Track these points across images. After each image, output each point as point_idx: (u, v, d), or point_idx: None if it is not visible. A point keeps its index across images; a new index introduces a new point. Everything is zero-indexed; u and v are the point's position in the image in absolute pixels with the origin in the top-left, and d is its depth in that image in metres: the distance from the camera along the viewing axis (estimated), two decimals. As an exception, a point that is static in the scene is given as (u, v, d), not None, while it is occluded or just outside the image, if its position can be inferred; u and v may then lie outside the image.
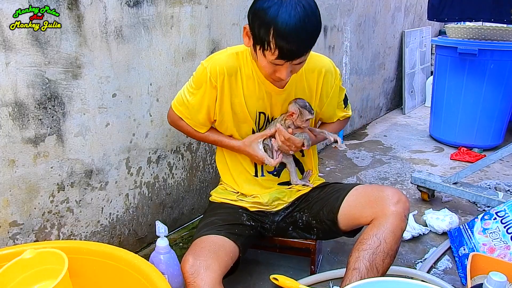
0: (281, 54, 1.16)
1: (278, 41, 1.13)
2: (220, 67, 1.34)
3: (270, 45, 1.15)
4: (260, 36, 1.16)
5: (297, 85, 1.41)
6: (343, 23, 3.04)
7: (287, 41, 1.13)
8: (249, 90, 1.39)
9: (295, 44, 1.15)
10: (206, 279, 1.17)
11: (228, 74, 1.35)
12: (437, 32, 4.91)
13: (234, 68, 1.36)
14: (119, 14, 1.49)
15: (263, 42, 1.17)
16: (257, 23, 1.16)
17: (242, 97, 1.39)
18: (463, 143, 3.18)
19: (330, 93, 1.47)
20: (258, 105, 1.42)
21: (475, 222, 1.80)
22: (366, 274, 1.24)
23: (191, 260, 1.21)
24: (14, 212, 1.33)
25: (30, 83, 1.29)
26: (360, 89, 3.57)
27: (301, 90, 1.43)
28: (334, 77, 1.46)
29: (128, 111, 1.61)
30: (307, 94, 1.44)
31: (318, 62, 1.43)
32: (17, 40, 1.23)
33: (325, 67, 1.43)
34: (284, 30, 1.12)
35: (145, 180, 1.75)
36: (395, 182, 2.60)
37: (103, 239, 1.63)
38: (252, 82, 1.38)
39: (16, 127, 1.29)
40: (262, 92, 1.39)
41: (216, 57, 1.37)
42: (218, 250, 1.27)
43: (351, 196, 1.43)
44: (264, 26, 1.14)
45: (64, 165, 1.43)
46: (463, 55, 2.94)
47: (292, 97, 1.42)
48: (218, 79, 1.35)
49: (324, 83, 1.44)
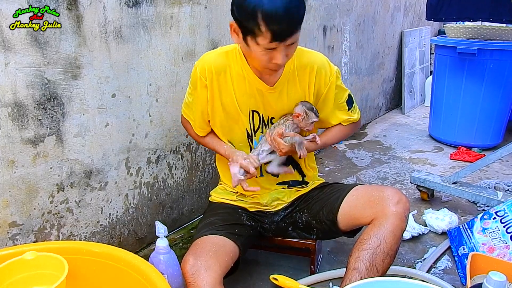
0: (274, 36, 1.17)
1: (268, 23, 1.14)
2: (209, 65, 1.36)
3: (261, 30, 1.16)
4: (250, 25, 1.17)
5: (289, 83, 1.40)
6: (342, 23, 3.04)
7: (276, 21, 1.14)
8: (239, 88, 1.39)
9: (285, 23, 1.16)
10: (207, 279, 1.17)
11: (216, 73, 1.37)
12: (437, 32, 4.91)
13: (222, 67, 1.37)
14: (119, 15, 1.49)
15: (253, 30, 1.17)
16: (243, 15, 1.17)
17: (233, 96, 1.39)
18: (463, 142, 3.18)
19: (324, 91, 1.44)
20: (250, 103, 1.41)
21: (474, 221, 1.80)
22: (366, 274, 1.24)
23: (191, 260, 1.21)
24: (14, 213, 1.33)
25: (29, 84, 1.29)
26: (360, 89, 3.57)
27: (293, 87, 1.41)
28: (329, 75, 1.42)
29: (128, 111, 1.61)
30: (299, 92, 1.42)
31: (309, 58, 1.41)
32: (16, 40, 1.23)
33: (317, 63, 1.41)
34: (271, 11, 1.13)
35: (144, 180, 1.75)
36: (394, 182, 2.60)
37: (103, 239, 1.63)
38: (243, 80, 1.38)
39: (16, 127, 1.28)
40: (253, 89, 1.39)
41: (206, 57, 1.40)
42: (219, 250, 1.27)
43: (351, 196, 1.43)
44: (251, 14, 1.15)
45: (64, 166, 1.43)
46: (462, 55, 2.94)
47: (285, 95, 1.41)
48: (207, 78, 1.37)
49: (317, 80, 1.42)
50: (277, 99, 1.42)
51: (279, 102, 1.42)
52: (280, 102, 1.42)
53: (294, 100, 1.43)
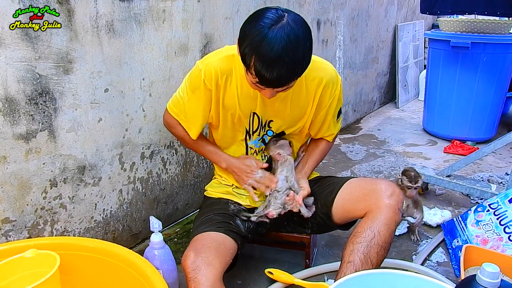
0: (261, 82, 1.15)
1: (258, 69, 1.11)
2: (215, 69, 1.33)
3: (251, 71, 1.14)
4: (244, 58, 1.15)
5: (294, 90, 1.36)
6: (336, 17, 3.03)
7: (267, 72, 1.11)
8: (243, 91, 1.36)
9: (274, 76, 1.12)
10: (208, 274, 1.16)
11: (222, 77, 1.34)
12: (430, 26, 4.92)
13: (228, 71, 1.34)
14: (110, 8, 1.47)
15: (246, 65, 1.15)
16: (243, 45, 1.14)
17: (235, 98, 1.37)
18: (456, 136, 3.19)
19: (328, 103, 1.43)
20: (252, 106, 1.40)
21: (468, 214, 1.81)
22: (360, 266, 1.24)
23: (192, 256, 1.20)
24: (6, 209, 1.32)
25: (20, 78, 1.27)
26: (354, 83, 3.57)
27: (299, 96, 1.39)
28: (335, 88, 1.41)
29: (121, 106, 1.60)
30: (303, 101, 1.41)
31: (320, 71, 1.37)
32: (6, 35, 1.22)
33: (326, 77, 1.38)
34: (265, 61, 1.09)
35: (138, 175, 1.75)
36: (389, 175, 2.61)
37: (97, 235, 1.62)
38: (246, 83, 1.36)
39: (7, 123, 1.27)
40: (256, 92, 1.36)
41: (211, 60, 1.35)
42: (219, 247, 1.27)
43: (345, 189, 1.43)
44: (248, 50, 1.12)
45: (57, 161, 1.42)
46: (456, 48, 2.95)
47: (288, 99, 1.39)
48: (213, 82, 1.34)
49: (323, 94, 1.40)
50: (280, 103, 1.39)
51: (281, 106, 1.40)
52: (283, 108, 1.40)
53: (297, 107, 1.41)
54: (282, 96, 1.37)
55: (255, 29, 1.11)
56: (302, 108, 1.42)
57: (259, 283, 1.59)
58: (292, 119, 1.44)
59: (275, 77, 1.13)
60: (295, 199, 1.40)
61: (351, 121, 3.70)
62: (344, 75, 3.34)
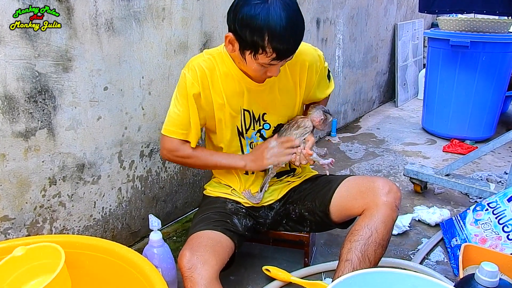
0: (278, 56, 1.18)
1: (274, 44, 1.15)
2: (199, 67, 1.35)
3: (266, 50, 1.16)
4: (254, 42, 1.16)
5: (280, 78, 1.38)
6: (335, 15, 3.03)
7: (283, 42, 1.16)
8: (229, 88, 1.37)
9: (291, 44, 1.18)
10: (204, 273, 1.16)
11: (207, 74, 1.35)
12: (430, 25, 4.92)
13: (212, 69, 1.36)
14: (110, 6, 1.47)
15: (256, 48, 1.17)
16: (248, 31, 1.16)
17: (223, 96, 1.37)
18: (455, 135, 3.20)
19: (315, 80, 1.47)
20: (241, 102, 1.40)
21: (467, 213, 1.81)
22: (358, 265, 1.24)
23: (188, 255, 1.20)
24: (5, 207, 1.32)
25: (19, 76, 1.27)
26: (353, 82, 3.57)
27: (284, 82, 1.42)
28: (318, 65, 1.45)
29: (120, 105, 1.60)
30: (291, 86, 1.43)
31: (300, 55, 1.38)
32: (6, 32, 1.21)
33: (308, 59, 1.42)
34: (280, 33, 1.13)
35: (138, 174, 1.75)
36: (388, 174, 2.61)
37: (96, 233, 1.63)
38: (231, 80, 1.37)
39: (6, 120, 1.27)
40: (242, 88, 1.38)
41: (194, 61, 1.37)
42: (215, 245, 1.27)
43: (342, 187, 1.43)
44: (258, 32, 1.14)
45: (56, 159, 1.42)
46: (455, 47, 2.95)
47: (275, 90, 1.40)
48: (199, 80, 1.35)
49: (309, 75, 1.44)
50: (268, 94, 1.41)
51: (270, 97, 1.41)
52: (272, 97, 1.41)
53: (286, 94, 1.43)
54: (268, 87, 1.39)
55: (253, 11, 1.14)
56: (292, 94, 1.44)
57: (257, 281, 1.60)
58: (284, 107, 1.45)
59: (292, 44, 1.19)
60: (304, 151, 1.42)
61: (350, 120, 3.70)
62: (344, 74, 3.34)
